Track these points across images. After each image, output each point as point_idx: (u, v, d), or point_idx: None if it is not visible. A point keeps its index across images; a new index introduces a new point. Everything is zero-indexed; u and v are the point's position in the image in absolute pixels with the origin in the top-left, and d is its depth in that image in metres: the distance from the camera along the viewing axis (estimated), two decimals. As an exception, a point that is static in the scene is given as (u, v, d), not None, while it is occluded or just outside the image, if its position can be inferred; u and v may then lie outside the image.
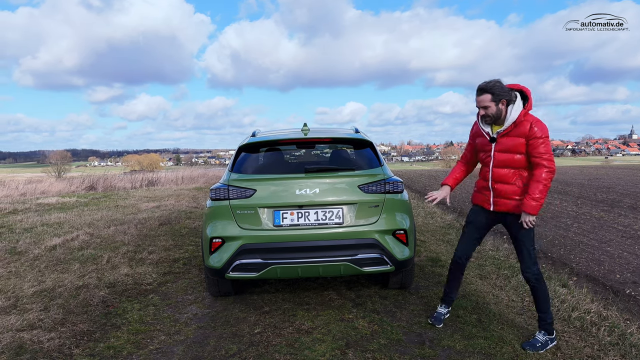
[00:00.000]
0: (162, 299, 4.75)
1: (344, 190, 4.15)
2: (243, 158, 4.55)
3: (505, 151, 3.49)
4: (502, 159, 3.52)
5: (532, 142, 3.38)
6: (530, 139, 3.38)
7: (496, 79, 3.49)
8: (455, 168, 4.00)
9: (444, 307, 4.06)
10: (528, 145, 3.41)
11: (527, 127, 3.38)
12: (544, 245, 6.78)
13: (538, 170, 3.38)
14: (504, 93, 3.43)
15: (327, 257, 4.07)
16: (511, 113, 3.44)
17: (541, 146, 3.36)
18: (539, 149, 3.37)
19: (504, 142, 3.49)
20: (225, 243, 4.13)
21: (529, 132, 3.38)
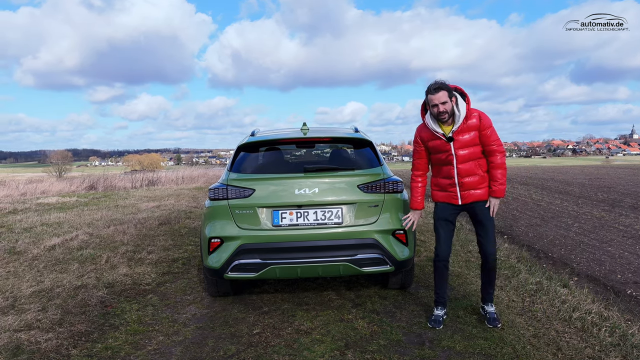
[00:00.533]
0: (160, 299, 4.73)
1: (343, 190, 4.12)
2: (242, 157, 4.53)
3: (465, 147, 3.75)
4: (465, 155, 3.76)
5: (484, 132, 3.72)
6: (482, 130, 3.71)
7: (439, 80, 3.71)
8: (416, 188, 4.05)
9: (441, 309, 4.04)
10: (481, 136, 3.74)
11: (477, 120, 3.70)
12: (545, 246, 6.76)
13: (494, 157, 3.77)
14: (451, 90, 3.69)
15: (327, 257, 4.05)
16: (460, 110, 3.69)
17: (492, 135, 3.74)
18: (491, 138, 3.73)
19: (461, 139, 3.73)
20: (224, 243, 4.11)
21: (480, 124, 3.70)
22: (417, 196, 4.04)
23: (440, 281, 4.03)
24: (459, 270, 5.50)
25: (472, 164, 3.79)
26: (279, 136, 4.63)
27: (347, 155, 4.71)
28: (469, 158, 3.77)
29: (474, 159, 3.78)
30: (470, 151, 3.75)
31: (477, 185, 3.82)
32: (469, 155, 3.76)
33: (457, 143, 3.73)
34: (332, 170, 4.25)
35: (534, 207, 10.53)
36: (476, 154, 3.78)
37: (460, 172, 3.79)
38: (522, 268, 5.46)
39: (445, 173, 3.87)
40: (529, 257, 6.14)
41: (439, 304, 4.06)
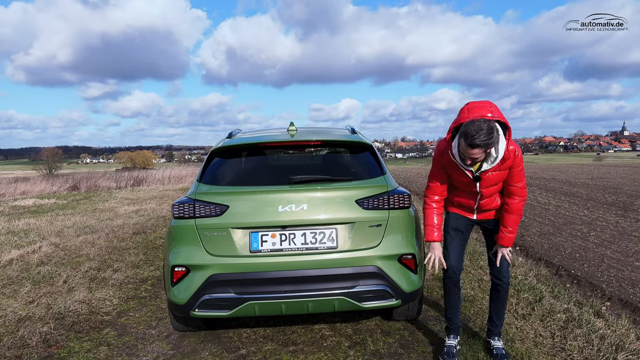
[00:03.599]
0: (119, 334, 3.93)
1: (338, 205, 3.34)
2: (215, 165, 3.73)
3: (492, 185, 3.17)
4: (489, 192, 3.21)
5: (514, 170, 3.11)
6: (513, 168, 3.10)
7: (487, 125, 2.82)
8: (430, 214, 3.30)
9: (453, 338, 3.40)
10: (509, 173, 3.13)
11: (511, 158, 3.05)
12: (564, 260, 6.01)
13: (512, 200, 3.18)
14: (495, 139, 2.88)
15: (318, 290, 3.27)
16: (498, 150, 2.99)
17: (519, 174, 3.13)
18: (516, 178, 3.13)
19: (489, 178, 3.12)
20: (190, 273, 3.32)
21: (513, 162, 3.07)
22: (432, 223, 3.27)
23: (452, 303, 3.39)
24: (471, 294, 4.74)
25: (494, 197, 3.27)
26: (260, 139, 3.84)
27: (342, 162, 3.90)
28: (494, 192, 3.24)
29: (497, 191, 3.26)
30: (496, 188, 3.21)
31: (494, 208, 3.31)
32: (494, 190, 3.22)
33: (484, 182, 3.13)
34: (324, 182, 3.47)
35: (543, 212, 9.81)
36: (500, 187, 3.24)
37: (481, 203, 3.27)
38: (545, 290, 4.71)
39: (465, 198, 3.30)
40: (549, 275, 5.39)
41: (452, 332, 3.41)
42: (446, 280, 3.36)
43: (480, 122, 2.81)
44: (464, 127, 2.86)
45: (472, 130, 2.80)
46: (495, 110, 2.97)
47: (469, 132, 2.81)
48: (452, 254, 3.34)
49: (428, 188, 3.34)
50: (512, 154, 3.01)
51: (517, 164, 3.07)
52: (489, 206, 3.28)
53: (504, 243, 3.25)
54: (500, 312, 3.43)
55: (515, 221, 3.23)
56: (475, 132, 2.78)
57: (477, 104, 3.02)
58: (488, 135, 2.80)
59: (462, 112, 3.03)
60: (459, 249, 3.36)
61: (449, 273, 3.34)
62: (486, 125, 2.80)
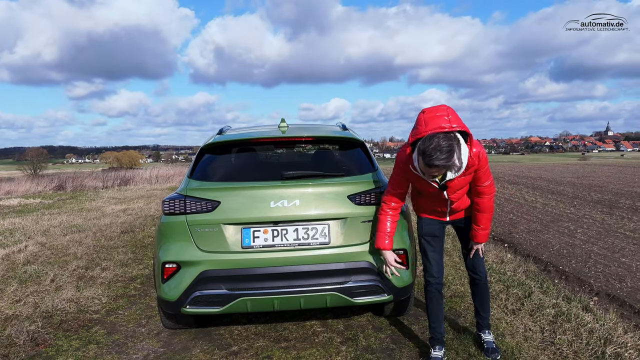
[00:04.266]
0: (108, 332, 3.89)
1: (330, 201, 3.34)
2: (206, 161, 3.71)
3: (459, 189, 3.13)
4: (458, 196, 3.18)
5: (479, 172, 3.06)
6: (478, 170, 3.05)
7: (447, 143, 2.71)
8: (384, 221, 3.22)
9: (439, 349, 3.28)
10: (474, 175, 3.08)
11: (476, 162, 2.99)
12: (552, 257, 6.07)
13: (482, 199, 3.16)
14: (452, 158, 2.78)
15: (310, 285, 3.26)
16: (461, 161, 2.89)
17: (485, 174, 3.08)
18: (482, 178, 3.09)
19: (456, 184, 3.07)
20: (182, 269, 3.29)
21: (478, 164, 3.01)
22: (384, 230, 3.20)
23: (436, 312, 3.30)
24: (461, 290, 4.77)
25: (464, 198, 3.24)
26: (251, 135, 3.82)
27: (334, 159, 3.89)
28: (463, 195, 3.21)
29: (466, 193, 3.24)
30: (464, 191, 3.18)
31: (466, 207, 3.30)
32: (464, 192, 3.20)
33: (451, 189, 3.09)
34: (316, 177, 3.46)
35: (530, 210, 9.90)
36: (467, 189, 3.21)
37: (453, 207, 3.24)
38: (534, 286, 4.75)
39: (433, 203, 3.25)
40: (538, 271, 5.44)
41: (437, 342, 3.30)
42: (429, 288, 3.28)
43: (439, 138, 2.70)
44: (422, 143, 2.76)
45: (430, 150, 2.69)
46: (454, 119, 2.82)
47: (427, 152, 2.71)
48: (432, 262, 3.28)
49: (387, 194, 3.24)
50: (476, 158, 2.94)
51: (482, 166, 3.01)
52: (461, 207, 3.26)
53: (479, 240, 3.27)
54: (485, 304, 3.45)
55: (488, 218, 3.23)
56: (434, 151, 2.68)
57: (434, 112, 2.85)
58: (447, 154, 2.70)
59: (419, 124, 2.87)
60: (438, 256, 3.31)
61: (431, 282, 3.27)
62: (445, 144, 2.70)
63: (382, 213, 3.23)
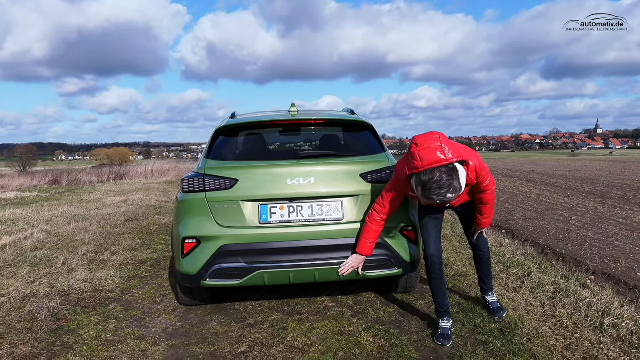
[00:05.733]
0: (125, 309, 4.02)
1: (343, 179, 3.49)
2: (221, 143, 3.84)
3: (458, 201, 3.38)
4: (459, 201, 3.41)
5: (479, 179, 3.17)
6: (478, 178, 3.16)
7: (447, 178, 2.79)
8: (369, 228, 3.33)
9: (447, 320, 3.42)
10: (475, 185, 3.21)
11: (473, 176, 3.11)
12: (549, 241, 6.28)
13: (484, 194, 3.29)
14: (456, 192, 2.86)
15: (325, 259, 3.42)
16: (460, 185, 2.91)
17: (485, 177, 3.17)
18: (483, 184, 3.20)
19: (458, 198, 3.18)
20: (201, 244, 3.43)
21: (476, 175, 3.12)
22: (369, 238, 3.34)
23: (439, 287, 3.43)
24: (463, 270, 4.94)
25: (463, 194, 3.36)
26: (264, 118, 3.96)
27: (345, 140, 4.05)
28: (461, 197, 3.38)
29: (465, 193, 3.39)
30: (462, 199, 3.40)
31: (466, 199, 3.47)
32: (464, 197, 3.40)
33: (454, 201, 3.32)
34: (330, 157, 3.61)
35: (525, 200, 10.12)
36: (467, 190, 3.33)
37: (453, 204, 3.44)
38: (532, 266, 4.94)
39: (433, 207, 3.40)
40: (535, 253, 5.64)
41: (443, 314, 3.44)
42: (431, 267, 3.36)
43: (440, 172, 2.76)
44: (422, 177, 2.80)
45: (431, 184, 2.75)
46: (449, 149, 2.82)
47: (427, 186, 2.77)
48: (431, 241, 3.37)
49: (381, 204, 3.28)
50: (474, 172, 3.05)
51: (480, 173, 3.10)
52: (460, 202, 3.44)
53: (483, 227, 3.52)
54: (488, 274, 3.75)
55: (491, 208, 3.39)
56: (435, 188, 2.75)
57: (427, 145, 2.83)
58: (448, 189, 2.77)
59: (414, 158, 2.85)
60: (436, 233, 3.40)
61: (432, 259, 3.34)
62: (446, 178, 2.76)
63: (372, 221, 3.32)
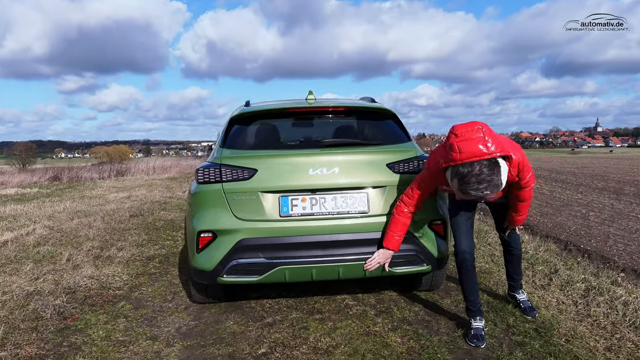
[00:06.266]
0: (135, 307, 3.80)
1: (369, 169, 3.27)
2: (237, 131, 3.62)
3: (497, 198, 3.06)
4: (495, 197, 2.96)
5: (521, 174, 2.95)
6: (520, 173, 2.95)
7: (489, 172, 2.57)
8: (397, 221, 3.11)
9: (479, 320, 3.19)
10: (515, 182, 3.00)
11: (515, 171, 2.90)
12: (571, 237, 6.07)
13: (523, 191, 3.10)
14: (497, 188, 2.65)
15: (349, 255, 3.20)
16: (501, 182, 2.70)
17: (525, 172, 2.96)
18: (523, 180, 2.99)
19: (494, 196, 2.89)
20: (218, 238, 3.21)
21: (518, 170, 2.91)
22: (397, 231, 3.11)
23: (470, 284, 3.19)
24: (487, 267, 4.73)
25: None
26: (282, 105, 3.74)
27: (368, 129, 3.81)
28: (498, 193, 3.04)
29: None
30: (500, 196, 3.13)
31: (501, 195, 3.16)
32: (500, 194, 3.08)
33: None
34: (355, 146, 3.39)
35: (539, 196, 9.92)
36: None
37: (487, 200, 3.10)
38: (558, 263, 4.73)
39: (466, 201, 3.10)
40: (558, 250, 5.43)
41: (475, 314, 3.20)
42: (462, 263, 3.14)
43: (481, 166, 2.55)
44: (460, 169, 2.60)
45: (470, 178, 2.54)
46: (493, 142, 2.59)
47: (465, 179, 2.56)
48: (462, 236, 3.16)
49: (410, 195, 3.07)
50: (516, 167, 2.83)
51: (522, 168, 2.89)
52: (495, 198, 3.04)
53: (516, 224, 3.35)
54: (518, 270, 3.60)
55: (527, 206, 3.22)
56: (474, 182, 2.54)
57: (468, 135, 2.62)
58: (488, 183, 2.55)
59: (452, 150, 2.64)
60: (467, 228, 3.19)
61: (463, 254, 3.13)
62: (487, 172, 2.54)
63: (400, 213, 3.11)
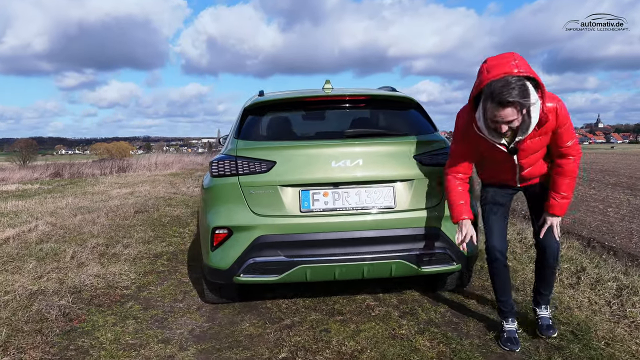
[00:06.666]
0: (144, 308, 3.60)
1: (395, 161, 3.06)
2: (252, 122, 3.41)
3: (532, 153, 2.72)
4: (531, 162, 2.77)
5: (560, 130, 2.63)
6: (558, 129, 2.62)
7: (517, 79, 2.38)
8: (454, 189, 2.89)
9: (512, 321, 2.96)
10: (554, 135, 2.66)
11: (552, 119, 2.58)
12: (593, 233, 5.87)
13: (566, 161, 2.71)
14: (529, 96, 2.42)
15: (374, 253, 3.00)
16: (531, 116, 2.52)
17: (567, 132, 2.64)
18: (564, 137, 2.65)
19: (528, 147, 2.68)
20: (234, 235, 3.01)
21: (556, 122, 2.59)
22: (463, 202, 2.88)
23: (502, 284, 2.96)
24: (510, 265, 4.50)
25: (539, 163, 2.82)
26: (299, 94, 3.53)
27: (392, 118, 3.58)
28: (537, 160, 2.79)
29: (542, 157, 2.81)
30: (538, 156, 2.77)
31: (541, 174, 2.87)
32: (536, 159, 2.78)
33: (523, 153, 2.70)
34: (380, 136, 3.19)
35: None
36: (545, 151, 2.78)
37: (522, 175, 2.84)
38: (584, 260, 4.52)
39: (499, 171, 2.87)
40: (582, 247, 5.22)
41: (507, 315, 2.97)
42: (493, 262, 2.90)
43: (508, 77, 2.39)
44: (487, 87, 2.43)
45: (499, 88, 2.36)
46: (522, 64, 2.48)
47: (495, 90, 2.37)
48: (495, 232, 2.90)
49: (450, 164, 2.91)
50: (553, 113, 2.55)
51: (562, 123, 2.59)
52: (534, 174, 2.85)
53: (555, 211, 2.77)
54: (549, 283, 3.02)
55: (569, 185, 2.74)
56: (505, 88, 2.35)
57: (498, 59, 2.54)
58: (520, 89, 2.36)
59: (481, 73, 2.55)
60: (501, 224, 2.93)
61: (495, 254, 2.88)
62: (515, 79, 2.37)
63: (451, 183, 2.90)
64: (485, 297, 3.68)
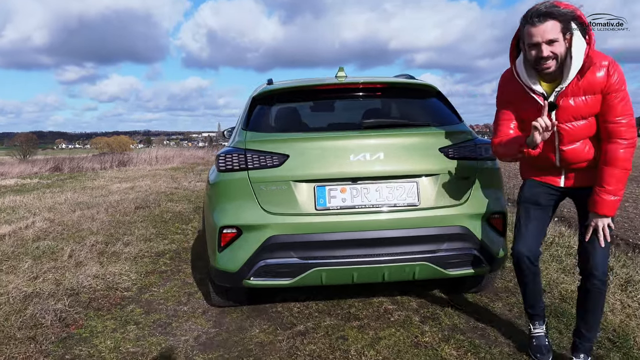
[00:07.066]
0: (146, 312, 3.37)
1: (419, 155, 2.81)
2: (261, 112, 3.16)
3: (577, 118, 2.28)
4: (573, 133, 2.31)
5: (609, 97, 2.20)
6: (609, 93, 2.19)
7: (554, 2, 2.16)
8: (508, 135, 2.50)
9: (539, 324, 2.66)
10: (604, 101, 2.22)
11: (604, 74, 2.17)
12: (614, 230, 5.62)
13: (614, 145, 2.22)
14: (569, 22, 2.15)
15: (396, 254, 2.75)
16: (574, 55, 2.18)
17: (620, 104, 2.20)
18: (616, 109, 2.20)
19: (570, 107, 2.26)
20: (243, 234, 2.76)
21: (607, 82, 2.18)
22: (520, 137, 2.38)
23: (532, 288, 2.60)
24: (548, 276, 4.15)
25: (585, 144, 2.35)
26: (311, 83, 3.28)
27: (413, 108, 3.32)
28: (580, 132, 2.31)
29: (589, 136, 2.34)
30: (584, 126, 2.30)
31: (591, 169, 2.36)
32: (582, 128, 2.31)
33: (563, 112, 2.27)
34: (401, 127, 2.94)
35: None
36: (593, 127, 2.32)
37: (567, 157, 2.37)
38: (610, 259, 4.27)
39: (542, 156, 2.41)
40: (604, 244, 4.98)
41: (535, 318, 2.68)
42: (517, 265, 2.54)
43: None
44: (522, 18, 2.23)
45: (535, 5, 2.15)
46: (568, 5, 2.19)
47: (532, 8, 2.16)
48: (525, 236, 2.50)
49: (496, 134, 2.54)
50: (600, 67, 2.18)
51: (614, 88, 2.19)
52: (578, 157, 2.35)
53: (601, 210, 2.25)
54: (591, 319, 2.45)
55: (619, 178, 2.22)
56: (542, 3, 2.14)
57: None
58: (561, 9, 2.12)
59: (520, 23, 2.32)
60: (535, 229, 2.51)
61: (521, 257, 2.49)
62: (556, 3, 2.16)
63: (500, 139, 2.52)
64: (511, 300, 3.44)
